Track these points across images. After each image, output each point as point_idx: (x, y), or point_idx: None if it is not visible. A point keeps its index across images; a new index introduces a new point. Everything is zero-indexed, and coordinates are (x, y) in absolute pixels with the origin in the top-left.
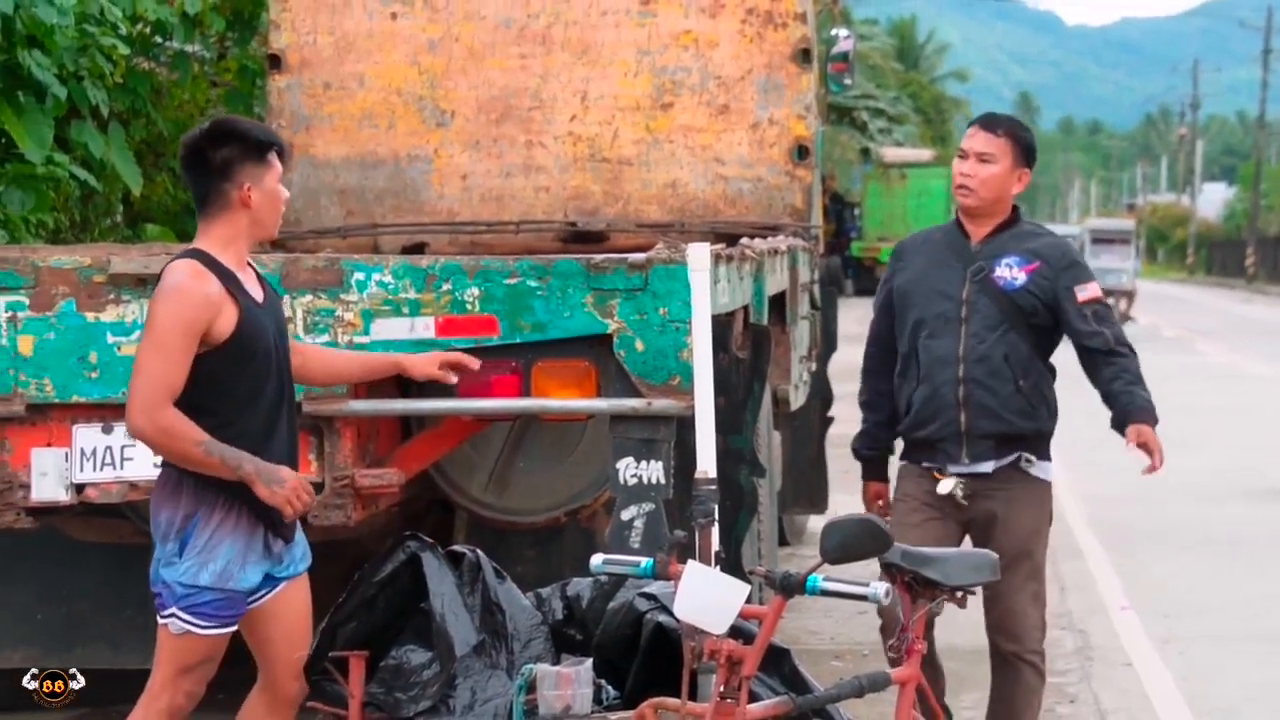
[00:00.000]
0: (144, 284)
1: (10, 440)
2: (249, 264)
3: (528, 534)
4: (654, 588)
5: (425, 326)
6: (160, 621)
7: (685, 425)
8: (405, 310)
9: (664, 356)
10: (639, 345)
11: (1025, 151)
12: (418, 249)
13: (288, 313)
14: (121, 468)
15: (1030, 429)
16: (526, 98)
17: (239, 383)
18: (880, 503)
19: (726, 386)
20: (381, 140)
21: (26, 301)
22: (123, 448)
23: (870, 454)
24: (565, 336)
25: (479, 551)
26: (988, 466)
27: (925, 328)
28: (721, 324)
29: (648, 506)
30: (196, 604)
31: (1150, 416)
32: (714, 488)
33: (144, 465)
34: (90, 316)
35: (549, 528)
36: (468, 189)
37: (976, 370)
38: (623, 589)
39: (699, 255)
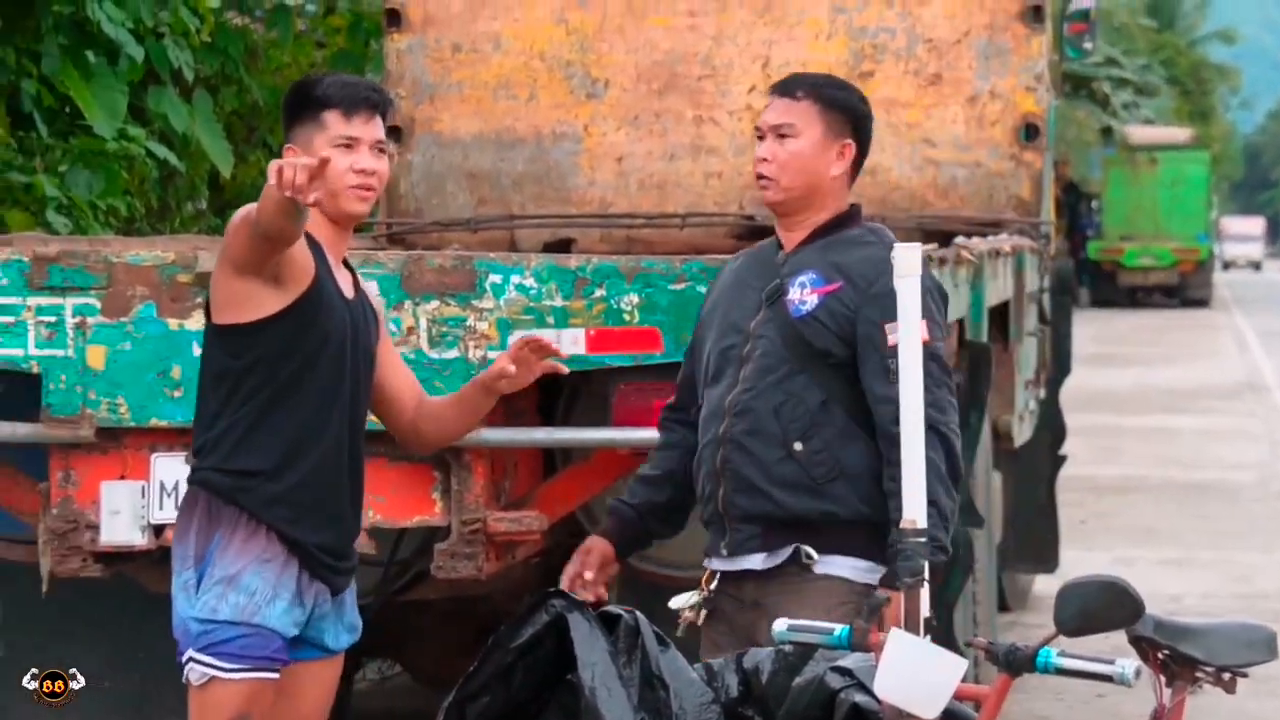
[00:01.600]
0: None
1: (77, 472)
2: (347, 264)
3: (681, 589)
4: (849, 660)
5: (574, 340)
6: (182, 676)
7: None
8: (550, 320)
9: None
10: None
11: (844, 115)
12: (563, 246)
13: (408, 321)
14: None
15: (813, 511)
16: (696, 64)
17: (294, 355)
18: (584, 574)
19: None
20: (520, 114)
21: (98, 305)
22: None
23: (616, 505)
24: None
25: (638, 613)
26: (754, 561)
27: (710, 369)
28: None
29: None
30: (217, 642)
31: (903, 577)
32: (923, 540)
33: None
34: (173, 324)
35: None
36: (624, 174)
37: (737, 427)
38: (811, 661)
39: (907, 258)
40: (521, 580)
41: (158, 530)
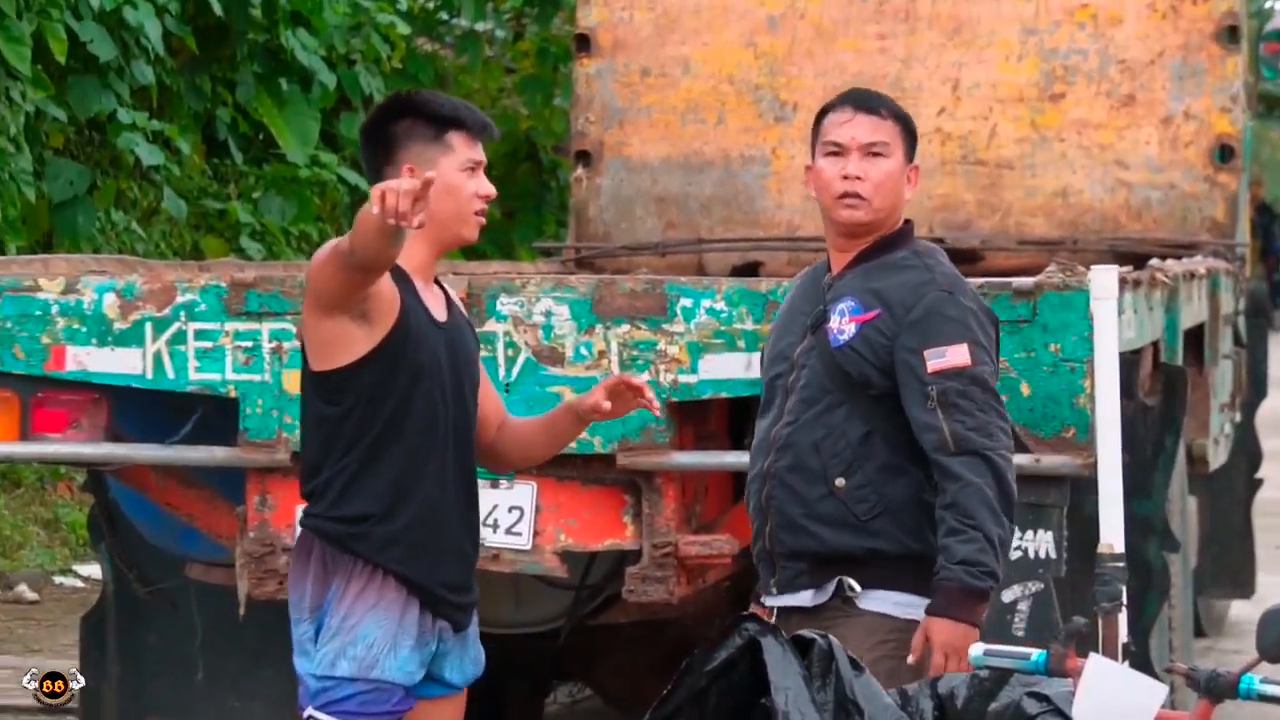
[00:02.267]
0: None
1: (273, 495)
2: (438, 283)
3: None
4: (1046, 686)
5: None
6: None
7: (1081, 487)
8: (740, 344)
9: (1056, 403)
10: (1024, 389)
11: (913, 139)
12: (751, 269)
13: (599, 345)
14: None
15: (857, 548)
16: (885, 86)
17: (389, 397)
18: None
19: (1132, 441)
20: (709, 138)
21: (293, 329)
22: None
23: None
24: None
25: (831, 638)
26: (803, 598)
27: (762, 399)
28: (1126, 364)
29: (1035, 586)
30: (336, 700)
31: (954, 606)
32: (1122, 565)
33: None
34: None
35: None
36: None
37: (780, 462)
38: (1007, 686)
39: (1104, 280)
40: (712, 604)
41: None
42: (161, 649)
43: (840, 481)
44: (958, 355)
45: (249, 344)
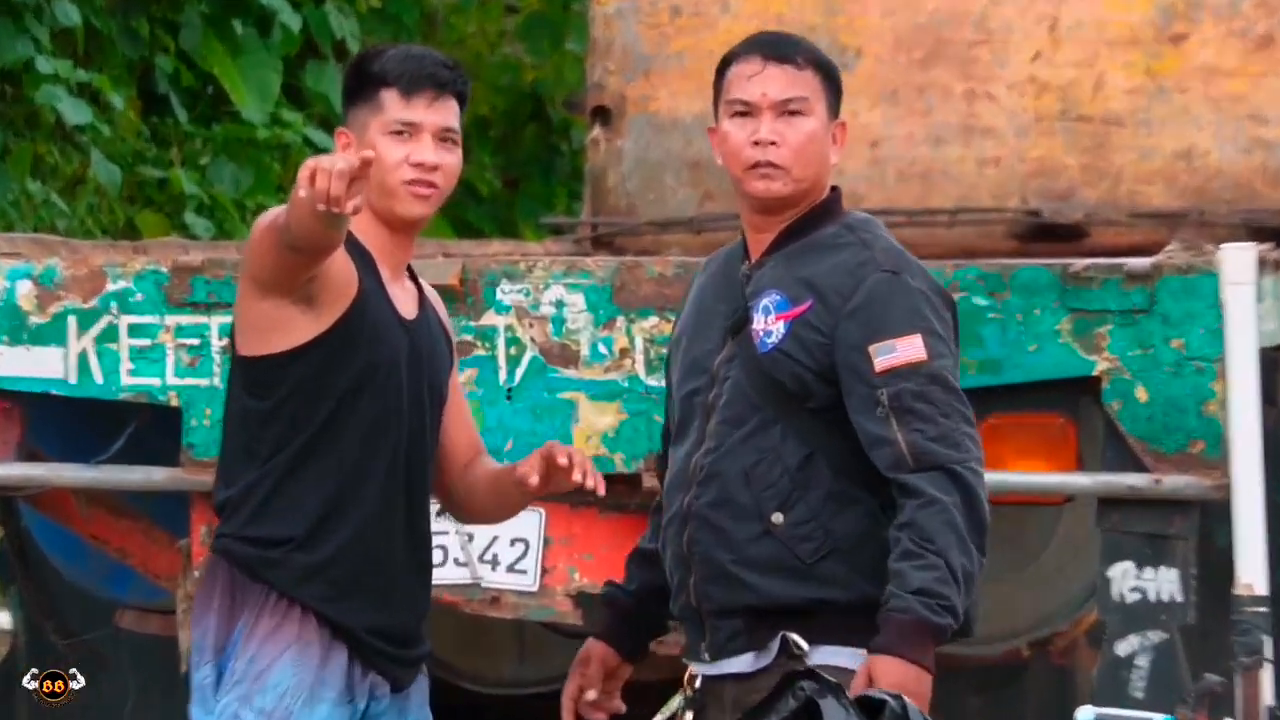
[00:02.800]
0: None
1: None
2: (413, 275)
3: (974, 673)
4: None
5: None
6: None
7: (1213, 514)
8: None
9: (1179, 411)
10: (1141, 394)
11: (837, 88)
12: None
13: (621, 342)
14: None
15: (800, 597)
16: (967, 27)
17: (330, 394)
18: (587, 692)
19: (1275, 456)
20: None
21: None
22: None
23: (609, 593)
24: (1029, 380)
25: (904, 698)
26: (742, 663)
27: (675, 421)
28: (1267, 362)
29: (1157, 636)
30: None
31: (906, 644)
32: (1264, 609)
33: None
34: None
35: (1005, 664)
36: (879, 161)
37: (703, 498)
38: None
39: (1238, 260)
40: None
41: None
42: (85, 714)
43: (778, 517)
44: (910, 349)
45: (194, 342)
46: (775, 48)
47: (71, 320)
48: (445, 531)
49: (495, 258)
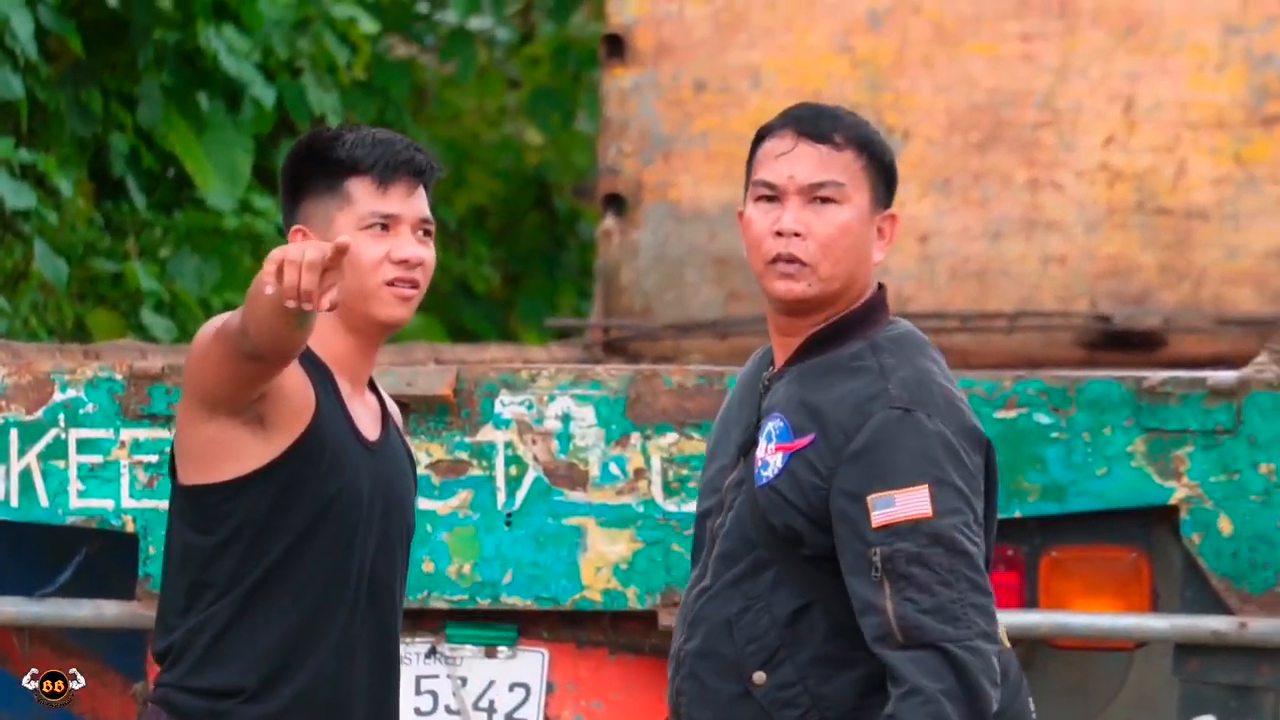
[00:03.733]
0: (405, 412)
1: None
2: (374, 389)
3: None
4: None
5: None
6: None
7: None
8: None
9: (1268, 545)
10: (1224, 525)
11: (887, 175)
12: None
13: (635, 462)
14: None
15: None
16: (1031, 107)
17: (286, 528)
18: None
19: None
20: None
21: None
22: None
23: None
24: (1097, 508)
25: None
26: None
27: (693, 544)
28: None
29: None
30: None
31: None
32: None
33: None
34: None
35: None
36: (929, 258)
37: (690, 643)
38: None
39: None
40: None
41: None
42: None
43: (759, 676)
44: (912, 503)
45: (152, 459)
46: (811, 122)
47: (13, 434)
48: (436, 676)
49: (494, 365)
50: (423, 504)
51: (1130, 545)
